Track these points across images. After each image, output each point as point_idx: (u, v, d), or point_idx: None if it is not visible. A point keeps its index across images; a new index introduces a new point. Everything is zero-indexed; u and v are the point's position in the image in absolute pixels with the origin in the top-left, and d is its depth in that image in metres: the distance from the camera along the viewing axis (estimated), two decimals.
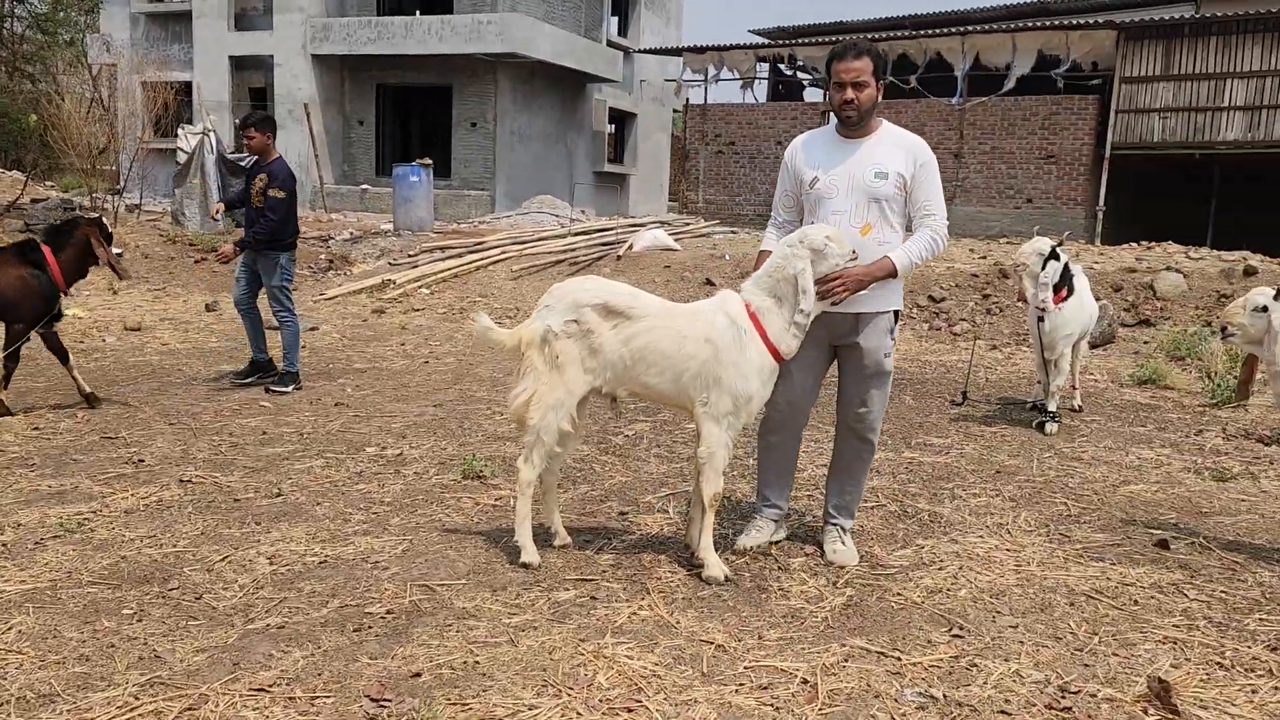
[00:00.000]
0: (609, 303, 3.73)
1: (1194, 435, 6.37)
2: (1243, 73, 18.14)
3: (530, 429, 3.81)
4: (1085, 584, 3.74)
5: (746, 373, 3.63)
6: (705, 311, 3.74)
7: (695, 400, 3.69)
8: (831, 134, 3.90)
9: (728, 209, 23.84)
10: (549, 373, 3.76)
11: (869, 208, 3.79)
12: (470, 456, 5.29)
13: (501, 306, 11.76)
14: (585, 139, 27.25)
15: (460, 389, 7.28)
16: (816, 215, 3.84)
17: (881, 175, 3.76)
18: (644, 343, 3.68)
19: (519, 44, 22.29)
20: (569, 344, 3.72)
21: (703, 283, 12.48)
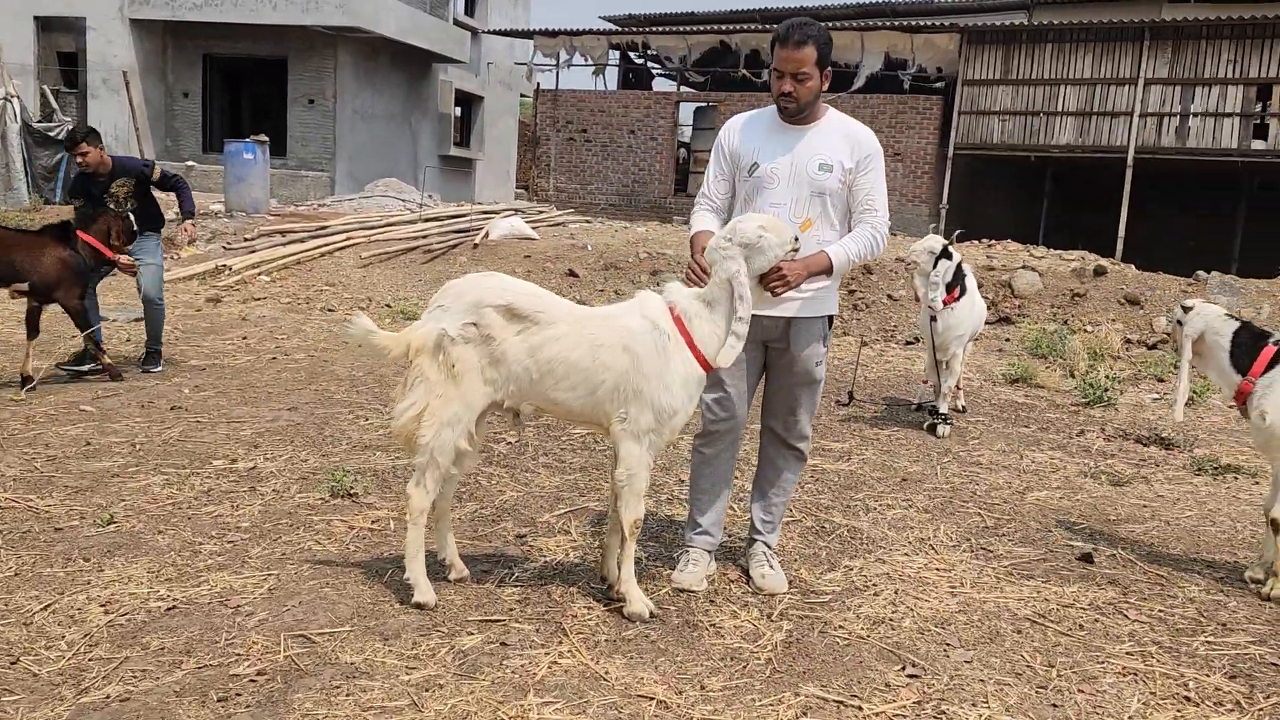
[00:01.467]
0: (514, 305, 3.23)
1: (1076, 436, 6.39)
2: (1075, 79, 19.02)
3: (422, 449, 3.28)
4: (1026, 607, 3.53)
5: (670, 384, 3.19)
6: (622, 316, 3.29)
7: (612, 416, 3.24)
8: (773, 118, 3.55)
9: (580, 197, 23.43)
10: (443, 383, 3.24)
11: (811, 202, 3.48)
12: (337, 470, 4.69)
13: (352, 296, 10.98)
14: (431, 121, 26.26)
15: (316, 389, 6.60)
16: (754, 205, 3.50)
17: (826, 167, 3.45)
18: (553, 352, 3.20)
19: (362, 18, 21.18)
20: (467, 351, 3.21)
21: (565, 273, 12.03)
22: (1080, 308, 10.13)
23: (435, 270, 12.24)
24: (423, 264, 12.51)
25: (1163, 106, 18.36)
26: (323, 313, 10.12)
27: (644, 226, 17.13)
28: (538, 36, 24.14)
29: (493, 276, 3.41)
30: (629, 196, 23.40)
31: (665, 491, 4.79)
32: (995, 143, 19.77)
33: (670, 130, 23.07)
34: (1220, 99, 17.99)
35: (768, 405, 3.73)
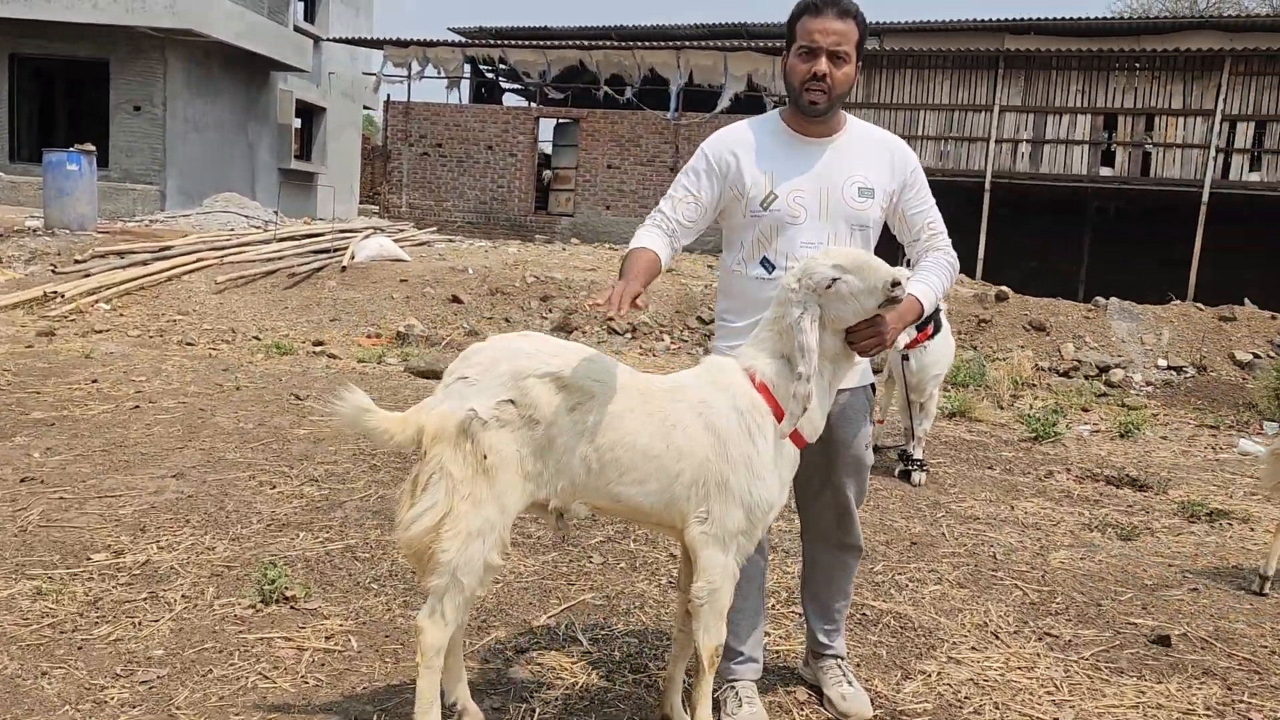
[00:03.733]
0: (564, 374, 2.48)
1: (1045, 479, 6.07)
2: (934, 105, 19.41)
3: (441, 568, 2.47)
4: (1143, 717, 3.02)
5: (762, 471, 2.51)
6: (695, 388, 2.58)
7: (689, 516, 2.53)
8: (778, 129, 2.80)
9: (434, 214, 22.36)
10: (471, 481, 2.44)
11: (851, 238, 2.76)
12: (259, 563, 3.77)
13: (212, 328, 9.73)
14: (270, 132, 24.59)
15: (200, 448, 5.54)
16: (773, 247, 2.75)
17: (866, 192, 2.75)
18: (617, 435, 2.47)
19: (193, 20, 19.53)
20: (503, 437, 2.45)
21: (449, 299, 11.12)
22: (988, 334, 10.03)
23: (302, 296, 11.09)
24: (286, 289, 11.31)
25: (1017, 133, 18.95)
26: (182, 347, 8.88)
27: (514, 246, 16.32)
28: (388, 46, 22.97)
29: (529, 337, 2.61)
30: (487, 214, 22.50)
31: (664, 572, 4.09)
32: None
33: (530, 146, 22.32)
34: (1070, 127, 18.71)
35: (810, 505, 3.02)
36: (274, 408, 6.58)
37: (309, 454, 5.51)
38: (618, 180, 21.61)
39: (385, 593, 3.69)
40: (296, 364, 8.41)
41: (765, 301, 2.64)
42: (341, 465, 5.31)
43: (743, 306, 2.81)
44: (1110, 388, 9.09)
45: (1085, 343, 9.78)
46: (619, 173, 21.57)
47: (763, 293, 2.70)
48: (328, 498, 4.78)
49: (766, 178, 2.74)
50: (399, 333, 9.63)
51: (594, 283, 11.82)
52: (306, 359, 8.69)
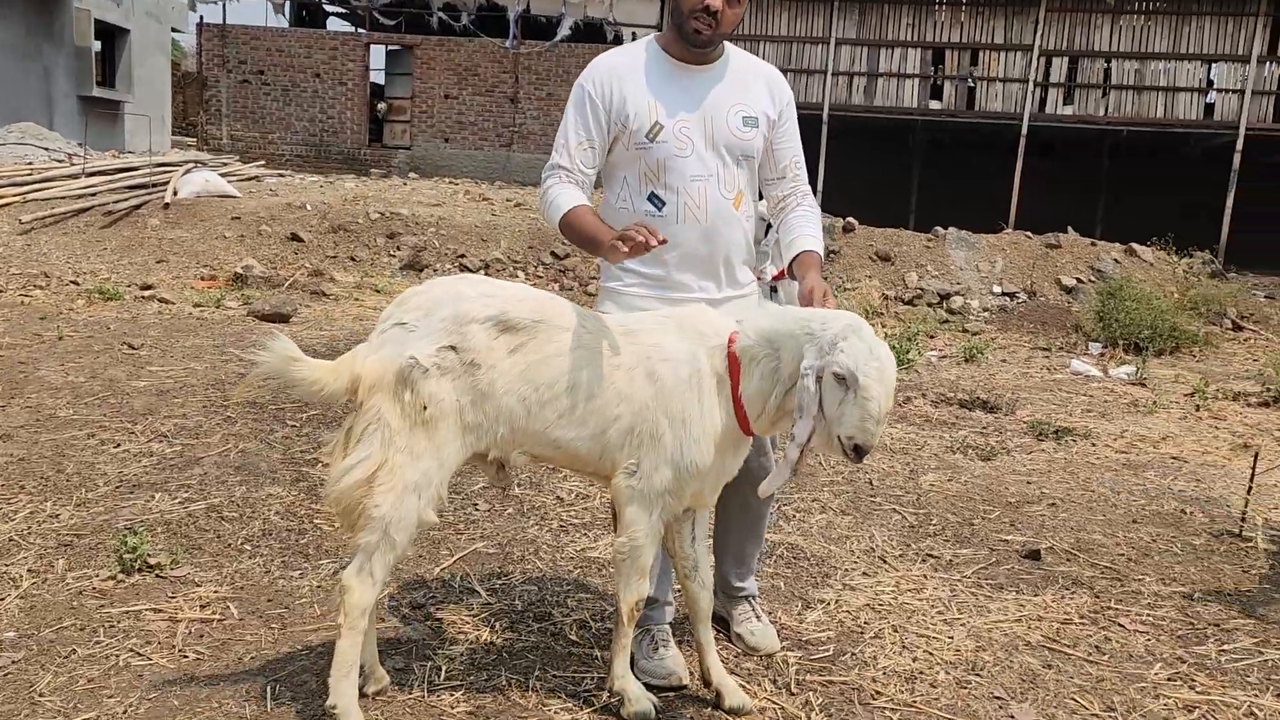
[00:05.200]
0: (508, 314, 2.37)
1: (904, 404, 6.28)
2: (773, 36, 19.57)
3: (371, 523, 2.32)
4: (1031, 631, 3.17)
5: (698, 434, 2.39)
6: (654, 330, 2.45)
7: (619, 466, 2.42)
8: (657, 58, 2.66)
9: (259, 147, 21.15)
10: (410, 433, 2.31)
11: (738, 169, 2.68)
12: (118, 531, 3.47)
13: (21, 272, 8.88)
14: (66, 56, 22.49)
15: (27, 405, 5.05)
16: (661, 180, 2.62)
17: (751, 121, 2.67)
18: (556, 373, 2.37)
19: None
20: (444, 386, 2.32)
21: (288, 237, 10.53)
22: (837, 265, 10.28)
23: (122, 235, 10.26)
24: (103, 228, 10.44)
25: (852, 66, 19.37)
26: None
27: (350, 181, 15.60)
28: None
29: (468, 279, 2.48)
30: (318, 147, 21.44)
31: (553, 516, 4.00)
32: None
33: (361, 75, 21.33)
34: (901, 61, 19.25)
35: None
36: (106, 359, 6.07)
37: (153, 408, 5.11)
38: (456, 111, 20.93)
39: (261, 553, 3.46)
40: (124, 310, 7.79)
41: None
42: (192, 419, 4.95)
43: None
44: (952, 314, 9.50)
45: (927, 271, 10.17)
46: (457, 103, 20.89)
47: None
48: (181, 454, 4.44)
49: (650, 108, 2.61)
50: (236, 274, 9.05)
51: (442, 219, 11.43)
52: (135, 304, 8.06)
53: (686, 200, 2.62)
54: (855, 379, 2.16)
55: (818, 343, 2.23)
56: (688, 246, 2.65)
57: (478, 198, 13.79)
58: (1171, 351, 8.41)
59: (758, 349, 2.36)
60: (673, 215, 2.62)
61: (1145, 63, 18.45)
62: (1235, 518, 4.32)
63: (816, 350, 2.23)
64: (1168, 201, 19.60)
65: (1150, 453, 5.46)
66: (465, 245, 10.83)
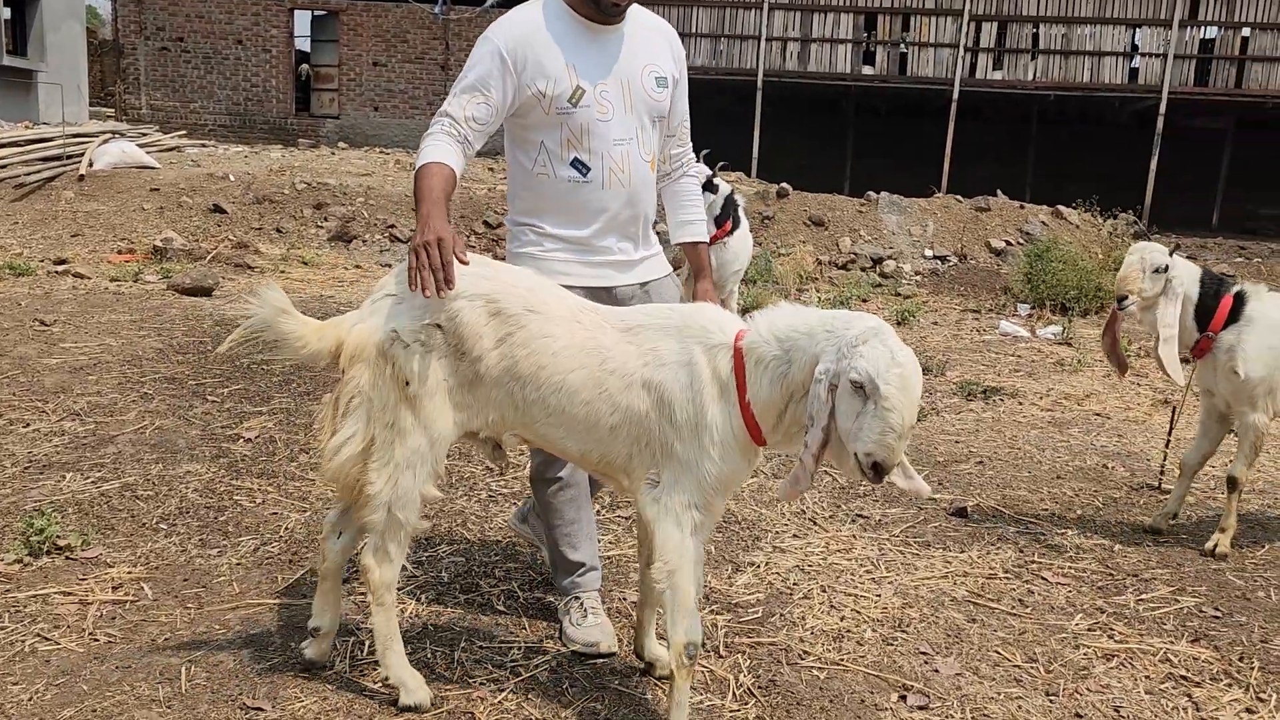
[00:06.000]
0: (497, 298, 2.23)
1: None
2: (706, 1, 19.43)
3: (373, 502, 2.27)
4: (957, 587, 3.21)
5: (712, 448, 2.17)
6: (656, 328, 2.25)
7: (637, 476, 2.27)
8: (567, 19, 2.55)
9: (181, 117, 20.53)
10: (394, 408, 2.24)
11: (654, 130, 2.65)
12: (25, 513, 3.34)
13: None
14: None
15: None
16: (584, 145, 2.54)
17: (663, 82, 2.64)
18: (546, 374, 2.23)
19: None
20: (429, 363, 2.23)
21: (210, 209, 10.23)
22: (771, 230, 10.29)
23: (34, 209, 9.88)
24: (14, 201, 10.04)
25: (786, 31, 19.33)
26: None
27: (277, 151, 15.21)
28: None
29: (472, 258, 2.31)
30: (242, 117, 20.86)
31: (481, 486, 3.94)
32: None
33: (286, 41, 20.76)
34: (835, 26, 19.26)
35: None
36: (15, 336, 5.84)
37: (65, 386, 4.92)
38: (385, 79, 20.50)
39: (177, 532, 3.36)
40: (37, 285, 7.50)
41: (580, 205, 2.57)
42: (107, 396, 4.78)
43: (554, 210, 2.61)
44: (884, 278, 9.58)
45: (860, 236, 10.23)
46: (386, 71, 20.45)
47: (577, 196, 2.58)
48: (94, 433, 4.29)
49: (570, 72, 2.52)
50: (155, 247, 8.77)
51: (370, 189, 11.20)
52: (48, 280, 7.77)
53: (611, 165, 2.57)
54: (875, 388, 1.93)
55: (835, 345, 2.01)
56: (613, 210, 2.61)
57: (408, 167, 13.54)
58: (1097, 311, 8.56)
59: (765, 349, 2.13)
60: (598, 181, 2.57)
61: (1072, 27, 18.69)
62: (1154, 471, 4.42)
63: (833, 353, 2.00)
64: (1094, 165, 19.99)
65: (1075, 410, 5.56)
66: (395, 215, 10.63)
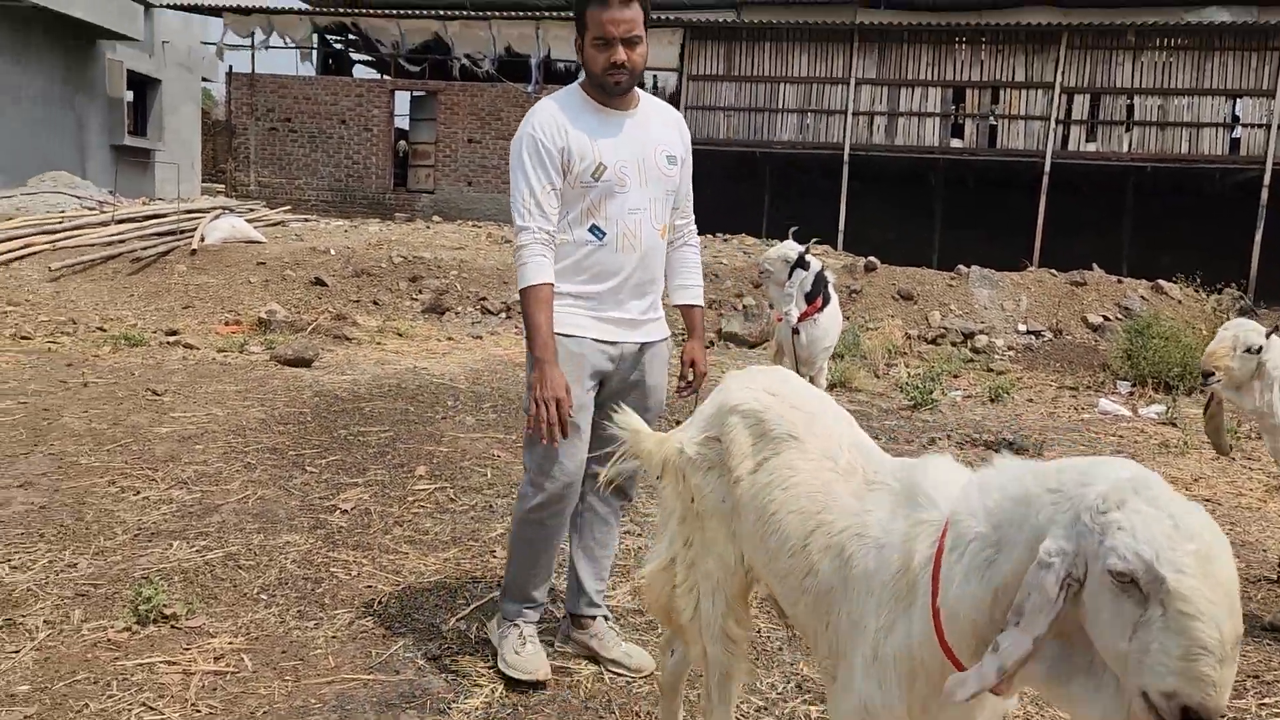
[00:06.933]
0: (765, 416, 2.05)
1: (929, 445, 6.20)
2: (793, 78, 19.69)
3: (688, 631, 2.20)
4: None
5: (874, 657, 1.67)
6: (884, 490, 1.81)
7: (820, 662, 1.92)
8: (586, 104, 2.86)
9: (286, 193, 21.42)
10: (688, 526, 2.19)
11: (665, 203, 2.94)
12: (134, 580, 3.46)
13: (50, 319, 8.97)
14: (99, 106, 23.00)
15: (49, 453, 5.07)
16: (603, 214, 2.83)
17: (673, 160, 2.93)
18: (774, 505, 1.95)
19: None
20: (709, 481, 2.13)
21: (311, 282, 10.61)
22: (859, 304, 10.23)
23: (149, 282, 10.38)
24: (130, 275, 10.56)
25: (873, 105, 19.42)
26: (16, 340, 8.15)
27: (375, 225, 15.76)
28: (227, 14, 21.75)
29: (776, 372, 2.20)
30: (343, 192, 21.68)
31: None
32: (722, 138, 20.10)
33: (387, 120, 21.60)
34: (922, 99, 19.29)
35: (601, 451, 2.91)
36: (129, 405, 6.10)
37: (174, 454, 5.11)
38: (479, 155, 21.13)
39: (277, 603, 3.43)
40: (150, 356, 7.85)
41: (595, 266, 2.84)
42: (213, 465, 4.95)
43: (572, 270, 2.87)
44: (976, 353, 9.41)
45: (950, 310, 10.09)
46: (480, 148, 21.09)
47: (593, 257, 2.85)
48: (200, 501, 4.44)
49: (593, 150, 2.81)
50: (260, 319, 9.11)
51: (463, 262, 11.49)
52: (160, 350, 8.12)
53: (624, 231, 2.84)
54: (1158, 580, 1.23)
55: (1069, 512, 1.35)
56: (626, 272, 2.87)
57: (499, 240, 13.87)
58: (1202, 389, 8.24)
59: (965, 524, 1.51)
60: (613, 244, 2.84)
61: (1168, 99, 18.38)
62: (1271, 563, 4.20)
63: (1068, 525, 1.35)
64: (1193, 237, 19.44)
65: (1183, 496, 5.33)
66: (487, 288, 10.87)
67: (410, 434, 5.76)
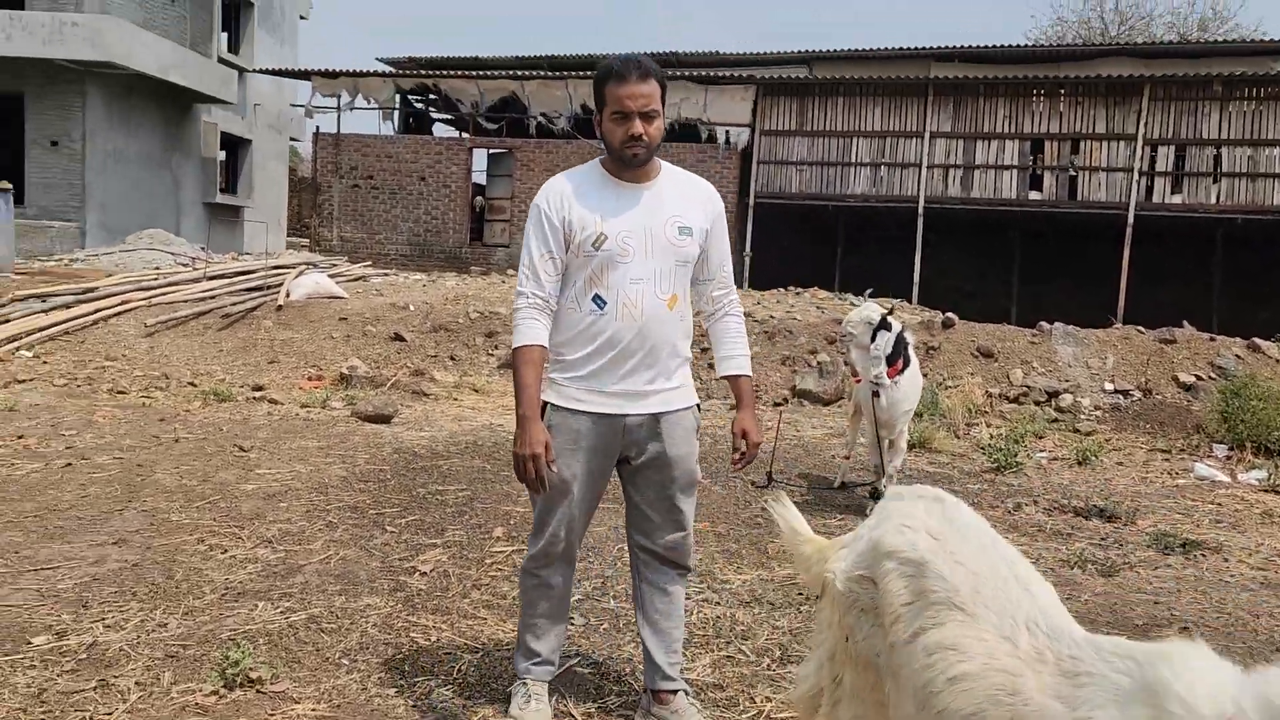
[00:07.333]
0: (929, 571, 1.81)
1: (1014, 511, 6.03)
2: (867, 132, 19.66)
3: None
4: None
5: None
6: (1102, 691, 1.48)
7: None
8: (601, 177, 2.98)
9: (367, 247, 21.98)
10: (840, 663, 2.04)
11: (675, 273, 2.96)
12: (222, 642, 3.51)
13: (144, 374, 9.28)
14: (194, 165, 23.98)
15: (142, 509, 5.21)
16: (604, 283, 2.89)
17: (686, 231, 2.96)
18: (928, 685, 1.70)
19: (116, 53, 18.97)
20: (864, 625, 1.95)
21: (391, 337, 10.82)
22: (937, 361, 10.06)
23: (237, 337, 10.69)
24: (220, 330, 10.90)
25: (948, 158, 19.29)
26: (112, 395, 8.45)
27: (451, 279, 16.05)
28: (316, 78, 22.56)
29: (925, 506, 1.98)
30: (422, 246, 22.17)
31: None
32: (794, 192, 20.13)
33: (464, 177, 22.09)
34: (999, 152, 19.10)
35: (642, 525, 3.09)
36: (218, 461, 6.25)
37: (260, 512, 5.21)
38: None
39: (358, 669, 3.44)
40: (237, 411, 8.05)
41: (595, 336, 2.89)
42: (296, 524, 5.03)
43: (576, 340, 2.94)
44: (1061, 413, 9.17)
45: (1033, 368, 9.87)
46: None
47: (594, 327, 2.90)
48: (284, 561, 4.50)
49: (595, 221, 2.89)
50: (342, 374, 9.31)
51: None
52: (247, 405, 8.33)
53: (624, 300, 2.88)
54: None
55: None
56: (625, 342, 2.89)
57: None
58: None
59: None
60: (612, 314, 2.88)
61: (1258, 149, 17.91)
62: None
63: None
64: None
65: None
66: None
67: (487, 493, 5.79)
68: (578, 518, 3.02)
